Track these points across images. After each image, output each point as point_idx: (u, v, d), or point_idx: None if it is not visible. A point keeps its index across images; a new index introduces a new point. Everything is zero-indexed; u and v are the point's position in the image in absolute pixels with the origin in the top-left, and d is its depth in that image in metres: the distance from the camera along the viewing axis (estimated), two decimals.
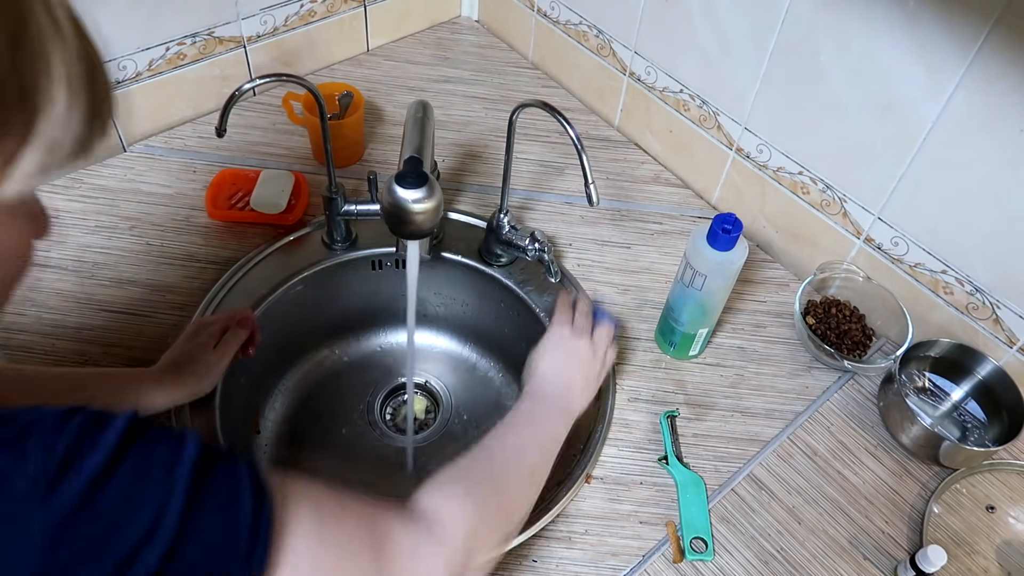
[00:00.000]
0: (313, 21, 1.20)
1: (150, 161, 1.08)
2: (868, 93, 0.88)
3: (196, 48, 1.10)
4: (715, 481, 0.84)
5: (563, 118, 0.79)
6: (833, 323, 0.96)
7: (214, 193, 1.03)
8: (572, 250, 1.04)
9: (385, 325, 1.11)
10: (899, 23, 0.81)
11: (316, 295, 1.00)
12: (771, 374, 0.94)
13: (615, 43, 1.16)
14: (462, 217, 1.05)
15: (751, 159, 1.05)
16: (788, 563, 0.78)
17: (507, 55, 1.33)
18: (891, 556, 0.80)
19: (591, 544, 0.79)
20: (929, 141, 0.84)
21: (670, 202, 1.12)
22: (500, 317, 1.03)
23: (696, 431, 0.88)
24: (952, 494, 0.86)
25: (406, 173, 0.69)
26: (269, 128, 1.14)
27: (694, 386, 0.92)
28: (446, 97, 1.23)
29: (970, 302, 0.90)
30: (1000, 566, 0.81)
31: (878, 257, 0.97)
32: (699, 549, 0.79)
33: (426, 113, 0.82)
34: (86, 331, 0.88)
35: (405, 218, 0.70)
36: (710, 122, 1.08)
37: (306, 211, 1.03)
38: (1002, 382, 0.87)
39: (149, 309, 0.91)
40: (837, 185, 0.97)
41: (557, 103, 0.92)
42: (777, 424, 0.89)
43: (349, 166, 1.11)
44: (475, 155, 1.15)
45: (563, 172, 1.13)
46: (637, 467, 0.85)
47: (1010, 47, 0.73)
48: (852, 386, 0.94)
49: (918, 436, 0.85)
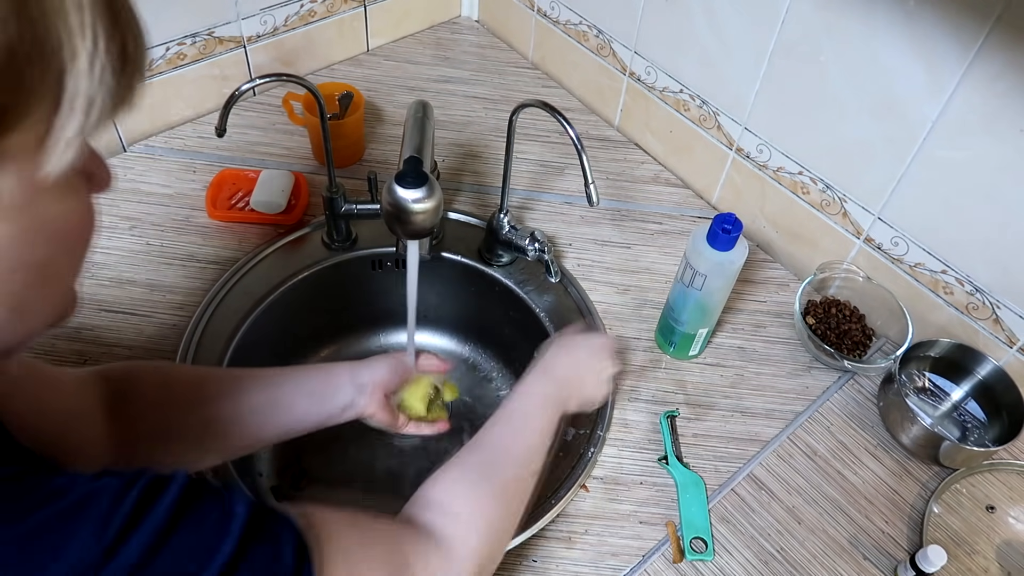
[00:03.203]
0: (313, 21, 1.20)
1: (150, 161, 1.08)
2: (868, 93, 0.88)
3: (196, 48, 1.10)
4: (715, 481, 0.84)
5: (563, 118, 0.79)
6: (833, 323, 0.96)
7: (214, 193, 1.03)
8: (572, 250, 1.04)
9: (385, 325, 1.11)
10: (899, 23, 0.81)
11: (316, 295, 1.00)
12: (771, 374, 0.94)
13: (615, 43, 1.16)
14: (462, 217, 1.05)
15: (751, 159, 1.05)
16: (788, 563, 0.78)
17: (507, 55, 1.33)
18: (891, 556, 0.80)
19: (591, 544, 0.79)
20: (929, 141, 0.84)
21: (670, 202, 1.12)
22: (500, 317, 1.03)
23: (696, 431, 0.88)
24: (952, 494, 0.86)
25: (406, 173, 0.69)
26: (269, 128, 1.14)
27: (694, 386, 0.92)
28: (446, 97, 1.23)
29: (970, 302, 0.90)
30: (1000, 566, 0.81)
31: (878, 257, 0.97)
32: (699, 549, 0.79)
33: (426, 113, 0.81)
34: (86, 331, 0.88)
35: (405, 218, 0.70)
36: (710, 122, 1.08)
37: (306, 211, 1.03)
38: (1002, 382, 0.87)
39: (149, 309, 0.91)
40: (837, 185, 0.97)
41: (557, 103, 0.92)
42: (777, 424, 0.89)
43: (349, 166, 1.11)
44: (475, 155, 1.15)
45: (563, 172, 1.13)
46: (637, 467, 0.85)
47: (1010, 47, 0.73)
48: (852, 386, 0.94)
49: (918, 436, 0.84)
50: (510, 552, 0.77)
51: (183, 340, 0.88)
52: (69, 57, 0.30)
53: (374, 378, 0.74)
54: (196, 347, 0.88)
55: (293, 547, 0.42)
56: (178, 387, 0.67)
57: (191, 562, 0.37)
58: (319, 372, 0.75)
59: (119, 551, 0.34)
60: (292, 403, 0.71)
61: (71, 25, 0.30)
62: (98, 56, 0.31)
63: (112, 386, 0.62)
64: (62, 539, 0.34)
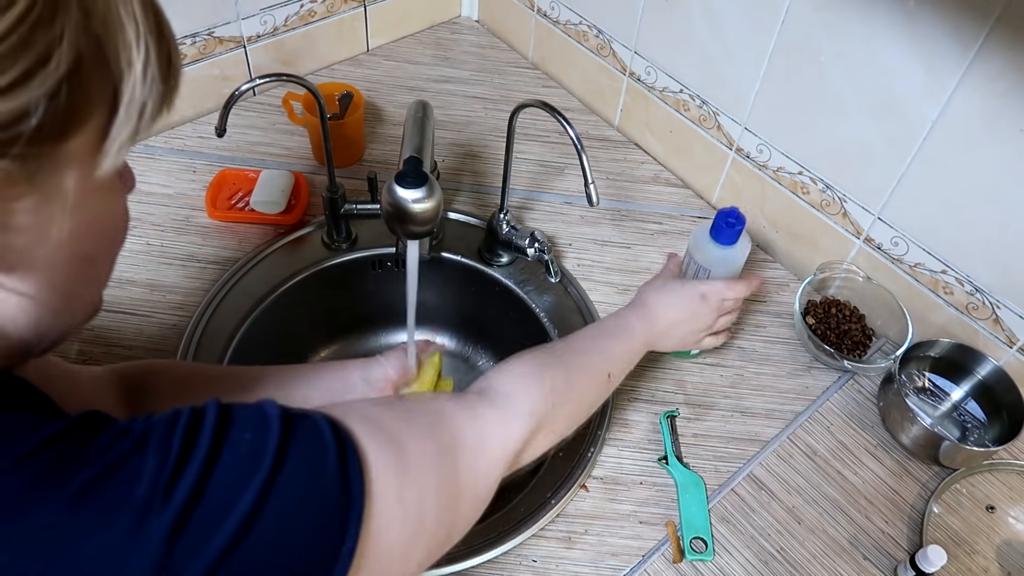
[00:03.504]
0: (313, 21, 1.20)
1: (150, 161, 1.08)
2: (868, 93, 0.88)
3: (196, 48, 1.10)
4: (715, 481, 0.84)
5: (563, 118, 0.79)
6: (833, 323, 0.96)
7: (214, 193, 1.03)
8: (572, 250, 1.04)
9: (385, 325, 1.11)
10: (899, 23, 0.81)
11: (316, 295, 1.00)
12: (771, 374, 0.94)
13: (615, 43, 1.16)
14: (462, 217, 1.05)
15: (751, 159, 1.05)
16: (788, 563, 0.78)
17: (507, 55, 1.33)
18: (891, 556, 0.80)
19: (591, 544, 0.79)
20: (929, 141, 0.84)
21: (670, 202, 1.12)
22: (500, 317, 1.03)
23: (696, 431, 0.88)
24: (952, 494, 0.86)
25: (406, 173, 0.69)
26: (269, 128, 1.14)
27: (694, 386, 0.92)
28: (446, 97, 1.23)
29: (970, 302, 0.90)
30: (1000, 566, 0.81)
31: (878, 257, 0.97)
32: (699, 549, 0.79)
33: (426, 113, 0.81)
34: (86, 331, 0.88)
35: (405, 218, 0.70)
36: (710, 122, 1.08)
37: (306, 211, 1.03)
38: (1002, 382, 0.87)
39: (149, 309, 0.91)
40: (837, 185, 0.97)
41: (557, 103, 0.92)
42: (777, 424, 0.89)
43: (349, 166, 1.11)
44: (475, 155, 1.15)
45: (563, 172, 1.13)
46: (637, 467, 0.85)
47: (1010, 47, 0.73)
48: (852, 386, 0.93)
49: (918, 436, 0.84)
50: (510, 552, 0.77)
51: (183, 340, 0.88)
52: (126, 66, 0.34)
53: (386, 374, 0.75)
54: (196, 347, 0.88)
55: (330, 429, 0.42)
56: (196, 384, 0.68)
57: (247, 441, 0.38)
58: (332, 369, 0.75)
59: (185, 465, 0.35)
60: (306, 400, 0.71)
61: (128, 38, 0.34)
62: (150, 65, 0.35)
63: (131, 383, 0.63)
64: (128, 474, 0.34)
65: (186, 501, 0.34)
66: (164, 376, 0.67)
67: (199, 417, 0.38)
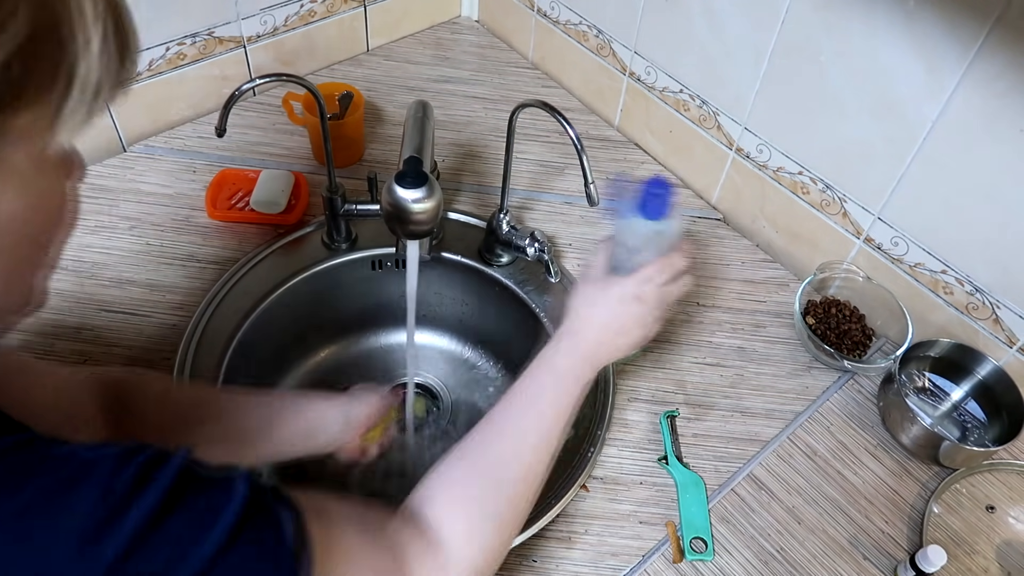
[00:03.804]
0: (313, 21, 1.20)
1: (150, 161, 1.08)
2: (868, 93, 0.88)
3: (196, 48, 1.10)
4: (715, 481, 0.84)
5: (563, 118, 0.79)
6: (833, 323, 0.96)
7: (214, 193, 1.03)
8: (572, 250, 1.04)
9: (385, 325, 1.11)
10: (899, 23, 0.81)
11: (316, 295, 1.00)
12: (771, 374, 0.94)
13: (615, 43, 1.16)
14: (462, 217, 1.05)
15: (751, 159, 1.05)
16: (788, 563, 0.78)
17: (507, 55, 1.33)
18: (891, 556, 0.80)
19: (591, 544, 0.79)
20: (929, 141, 0.84)
21: None
22: (500, 317, 1.03)
23: (696, 431, 0.88)
24: (952, 494, 0.86)
25: (406, 173, 0.69)
26: (269, 128, 1.14)
27: (694, 386, 0.92)
28: (446, 97, 1.23)
29: (970, 302, 0.90)
30: (1000, 566, 0.81)
31: (878, 257, 0.97)
32: (699, 549, 0.79)
33: (426, 113, 0.82)
34: (86, 331, 0.88)
35: (405, 218, 0.70)
36: (710, 122, 1.08)
37: (306, 211, 1.03)
38: (1002, 382, 0.87)
39: (149, 309, 0.91)
40: (837, 185, 0.97)
41: (557, 103, 0.91)
42: (777, 424, 0.89)
43: (349, 166, 1.11)
44: (475, 155, 1.15)
45: (563, 172, 1.13)
46: (637, 467, 0.85)
47: (1010, 47, 0.73)
48: (852, 386, 0.94)
49: (918, 436, 0.84)
50: (510, 552, 0.77)
51: (183, 340, 0.88)
52: (83, 44, 0.34)
53: (364, 414, 0.75)
54: (196, 347, 0.88)
55: (292, 530, 0.41)
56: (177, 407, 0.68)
57: (192, 531, 0.37)
58: (313, 403, 0.75)
59: (119, 520, 0.35)
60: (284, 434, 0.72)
61: (86, 17, 0.34)
62: (107, 45, 0.35)
63: (109, 392, 0.62)
64: (64, 506, 0.34)
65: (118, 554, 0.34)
66: (138, 392, 0.66)
67: (157, 464, 0.38)
